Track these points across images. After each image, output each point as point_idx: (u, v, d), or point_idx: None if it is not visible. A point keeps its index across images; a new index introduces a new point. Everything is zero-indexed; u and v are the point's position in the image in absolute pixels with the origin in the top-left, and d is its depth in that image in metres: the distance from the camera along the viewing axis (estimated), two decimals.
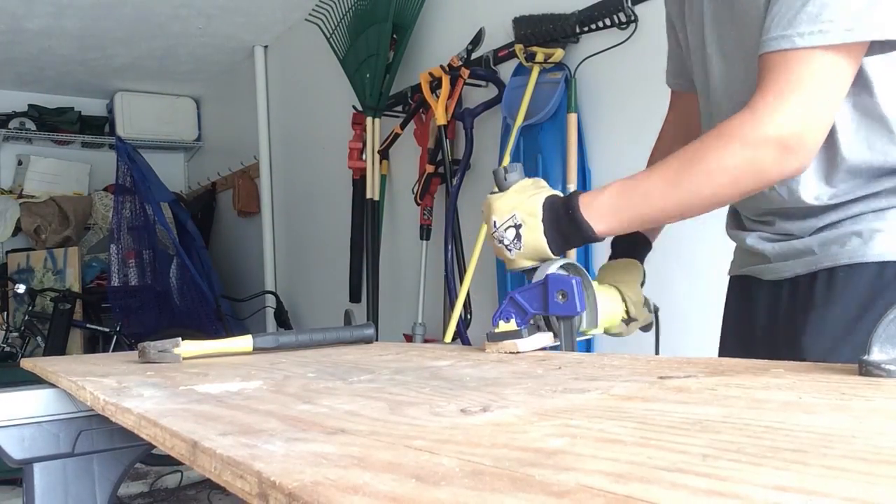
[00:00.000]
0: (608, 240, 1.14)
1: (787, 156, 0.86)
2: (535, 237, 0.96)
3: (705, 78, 1.07)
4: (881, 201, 0.94)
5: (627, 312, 1.10)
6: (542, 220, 0.96)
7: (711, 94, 1.06)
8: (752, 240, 1.07)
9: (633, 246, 1.20)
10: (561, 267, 0.99)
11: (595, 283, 1.05)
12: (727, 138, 0.87)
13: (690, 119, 1.23)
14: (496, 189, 1.02)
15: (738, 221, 1.13)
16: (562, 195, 0.99)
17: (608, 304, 1.07)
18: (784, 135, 0.85)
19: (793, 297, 1.02)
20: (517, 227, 0.97)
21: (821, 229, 0.98)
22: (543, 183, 1.02)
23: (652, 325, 1.18)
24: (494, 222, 0.99)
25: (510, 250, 0.98)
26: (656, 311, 1.18)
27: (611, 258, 1.21)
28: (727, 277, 1.21)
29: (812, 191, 0.96)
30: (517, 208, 0.98)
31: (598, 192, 0.96)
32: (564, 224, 0.96)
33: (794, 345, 0.98)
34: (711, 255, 1.27)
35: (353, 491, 0.34)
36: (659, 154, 1.26)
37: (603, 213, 0.94)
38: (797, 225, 1.00)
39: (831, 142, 0.93)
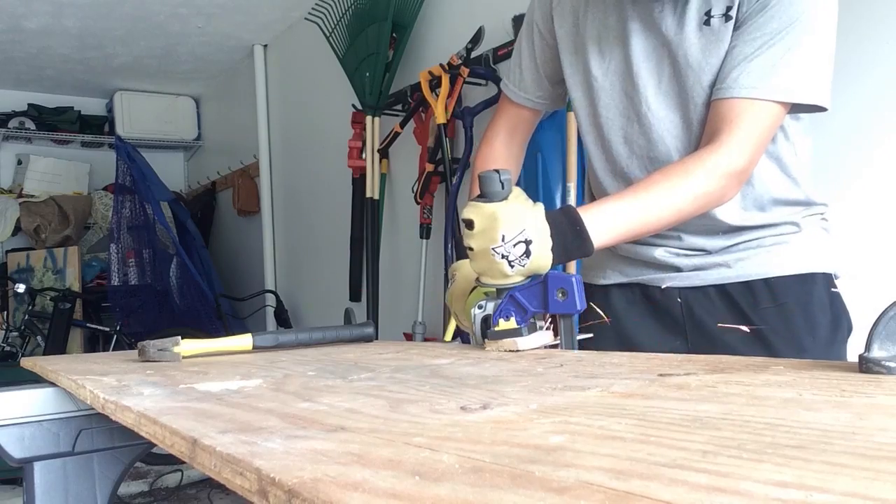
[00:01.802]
0: None
1: (737, 185, 1.06)
2: (544, 254, 0.95)
3: (625, 99, 1.17)
4: (780, 228, 1.16)
5: None
6: (550, 236, 0.95)
7: (648, 113, 1.16)
8: (661, 253, 1.20)
9: None
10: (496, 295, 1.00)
11: None
12: (708, 169, 1.03)
13: (518, 132, 1.37)
14: (485, 196, 0.96)
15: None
16: (546, 210, 0.98)
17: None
18: (741, 170, 1.04)
19: (728, 302, 1.17)
20: (527, 242, 0.93)
21: (730, 248, 1.17)
22: (523, 191, 1.00)
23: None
24: (503, 236, 0.94)
25: (512, 266, 0.95)
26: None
27: None
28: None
29: (729, 213, 1.14)
30: (527, 223, 0.94)
31: (597, 211, 1.00)
32: (570, 240, 0.96)
33: (756, 340, 1.14)
34: None
35: (353, 488, 0.34)
36: (493, 157, 1.34)
37: (604, 230, 0.99)
38: (707, 241, 1.17)
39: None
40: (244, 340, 1.18)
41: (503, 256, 0.94)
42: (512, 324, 0.97)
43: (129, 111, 5.71)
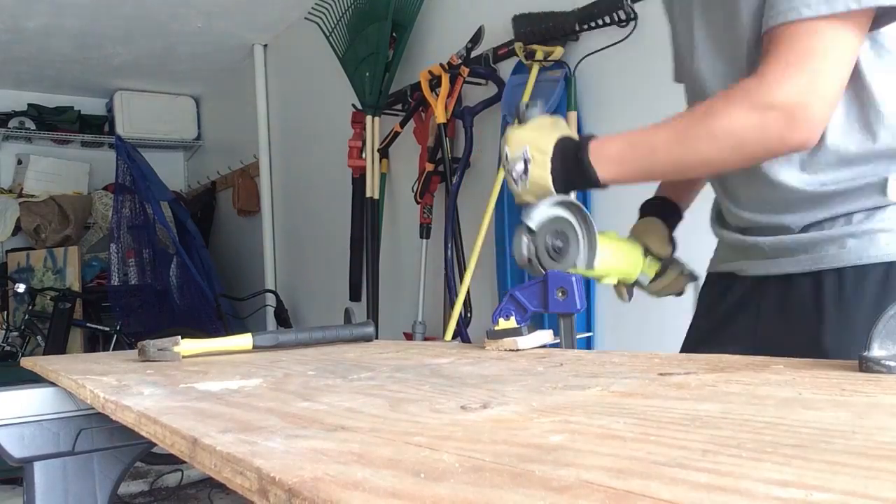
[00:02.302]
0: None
1: (793, 125, 0.85)
2: (542, 174, 0.97)
3: (692, 66, 1.06)
4: (867, 200, 0.92)
5: (656, 266, 1.13)
6: (551, 159, 0.97)
7: (699, 82, 1.04)
8: (738, 236, 1.05)
9: (657, 209, 1.23)
10: (559, 203, 0.99)
11: (605, 236, 1.06)
12: (735, 102, 0.87)
13: None
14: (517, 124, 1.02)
15: (722, 220, 1.13)
16: (576, 138, 0.99)
17: (617, 254, 1.08)
18: (791, 103, 0.84)
19: (793, 295, 0.99)
20: (526, 161, 0.98)
21: (810, 227, 0.96)
22: (564, 124, 1.03)
23: (683, 291, 1.20)
24: (506, 154, 1.00)
25: (517, 183, 0.99)
26: (696, 279, 1.20)
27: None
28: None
29: (795, 176, 0.95)
30: (529, 143, 0.98)
31: (608, 140, 0.97)
32: (571, 165, 0.97)
33: (812, 344, 0.94)
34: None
35: (353, 487, 0.34)
36: None
37: (609, 160, 0.95)
38: (786, 217, 0.98)
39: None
40: (244, 340, 1.18)
41: (510, 174, 1.00)
42: (512, 323, 0.97)
43: (129, 111, 5.71)
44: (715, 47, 1.01)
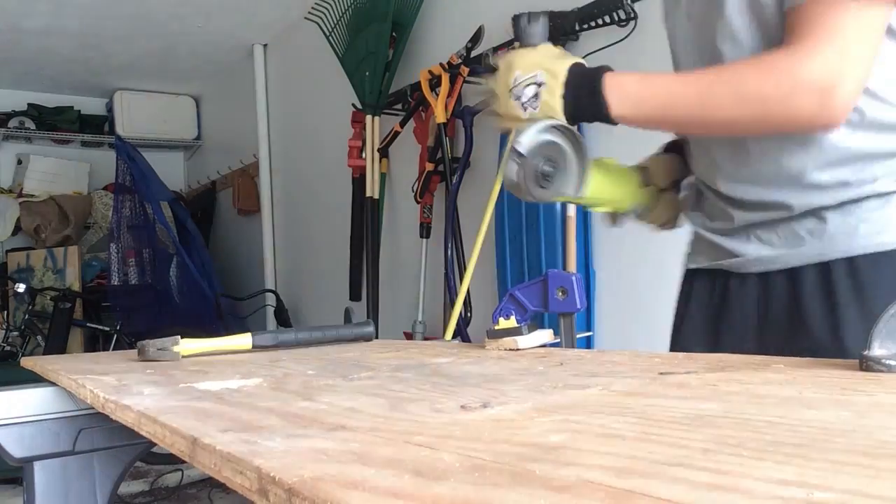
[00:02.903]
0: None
1: (823, 102, 0.82)
2: (553, 100, 0.94)
3: (678, 60, 1.06)
4: (878, 185, 0.90)
5: (653, 196, 1.10)
6: (563, 84, 0.93)
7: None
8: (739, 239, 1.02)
9: (681, 149, 1.17)
10: (556, 128, 0.95)
11: (600, 164, 1.04)
12: (766, 70, 0.84)
13: None
14: (517, 38, 0.98)
15: (706, 212, 1.08)
16: (585, 65, 0.96)
17: (610, 182, 1.05)
18: (823, 79, 0.81)
19: (802, 288, 0.94)
20: (539, 85, 0.94)
21: (808, 215, 0.93)
22: (568, 54, 0.99)
23: (680, 224, 1.16)
24: (516, 77, 0.95)
25: (525, 108, 0.95)
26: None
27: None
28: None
29: (800, 160, 0.92)
30: (542, 67, 0.94)
31: (627, 76, 0.93)
32: (584, 95, 0.93)
33: (829, 340, 0.91)
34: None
35: (353, 486, 0.34)
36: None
37: (624, 97, 0.92)
38: (786, 194, 0.94)
39: None
40: (244, 340, 1.18)
41: (517, 98, 0.95)
42: (512, 322, 0.97)
43: (129, 111, 5.70)
44: (695, 42, 1.01)
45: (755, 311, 1.01)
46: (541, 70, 0.94)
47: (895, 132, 0.89)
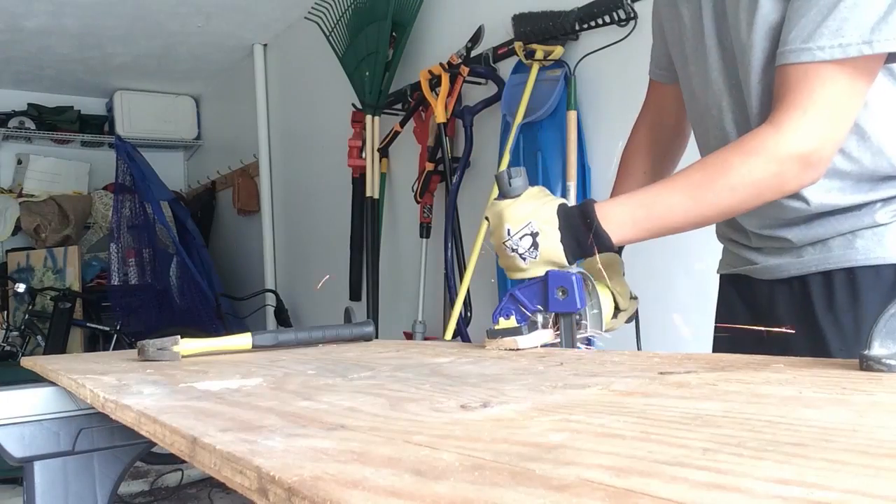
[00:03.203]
0: None
1: (807, 170, 0.89)
2: (553, 246, 0.95)
3: (704, 72, 1.06)
4: (876, 205, 0.97)
5: (617, 305, 1.09)
6: (559, 229, 0.95)
7: (710, 87, 1.05)
8: (736, 247, 1.11)
9: None
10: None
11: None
12: (752, 154, 0.89)
13: (664, 112, 1.26)
14: (501, 194, 0.99)
15: (732, 226, 1.13)
16: (568, 203, 0.99)
17: (605, 303, 1.06)
18: (806, 151, 0.87)
19: (802, 297, 1.02)
20: (534, 235, 0.95)
21: (812, 228, 1.00)
22: (547, 190, 1.01)
23: (635, 315, 1.17)
24: (508, 230, 0.96)
25: (524, 259, 0.96)
26: (636, 299, 1.17)
27: None
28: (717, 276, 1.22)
29: (802, 198, 0.98)
30: (532, 216, 0.96)
31: (615, 204, 0.96)
32: (582, 233, 0.95)
33: (820, 346, 0.98)
34: (711, 253, 1.26)
35: (353, 485, 0.34)
36: (636, 146, 1.27)
37: (622, 223, 0.95)
38: (791, 231, 1.02)
39: None
40: (243, 340, 1.18)
41: (513, 250, 0.97)
42: (512, 322, 0.97)
43: (129, 111, 5.71)
44: (727, 69, 1.02)
45: (767, 313, 1.07)
46: (532, 219, 0.95)
47: (890, 180, 0.96)
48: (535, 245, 0.95)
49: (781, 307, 1.06)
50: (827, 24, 0.85)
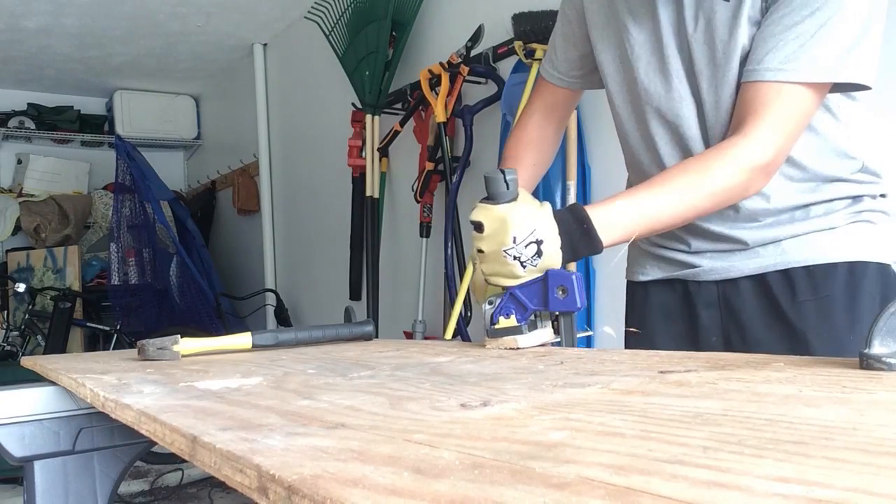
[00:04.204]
0: None
1: (765, 178, 1.00)
2: (554, 252, 0.95)
3: (662, 81, 1.11)
4: (826, 210, 1.08)
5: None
6: (559, 234, 0.95)
7: (671, 95, 1.11)
8: (689, 247, 1.18)
9: None
10: None
11: None
12: (730, 163, 0.97)
13: (553, 113, 1.33)
14: (494, 196, 0.96)
15: (661, 236, 1.19)
16: (553, 210, 0.99)
17: None
18: (768, 161, 0.98)
19: (763, 293, 1.11)
20: (538, 242, 0.94)
21: (770, 234, 1.10)
22: (525, 190, 1.01)
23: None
24: (514, 238, 0.94)
25: (524, 266, 0.95)
26: None
27: None
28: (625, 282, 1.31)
29: (766, 195, 1.08)
30: (537, 223, 0.94)
31: (605, 208, 0.97)
32: (577, 238, 0.96)
33: (794, 339, 1.07)
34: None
35: (353, 484, 0.34)
36: (526, 139, 1.30)
37: (613, 228, 0.97)
38: (743, 231, 1.11)
39: None
40: (243, 339, 1.18)
41: (515, 258, 0.94)
42: (512, 321, 0.97)
43: (129, 110, 5.70)
44: (694, 88, 1.09)
45: (717, 313, 1.17)
46: (536, 227, 0.95)
47: (843, 176, 1.09)
48: (538, 253, 0.94)
49: (739, 303, 1.13)
50: (805, 50, 0.95)
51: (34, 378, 1.17)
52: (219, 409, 0.60)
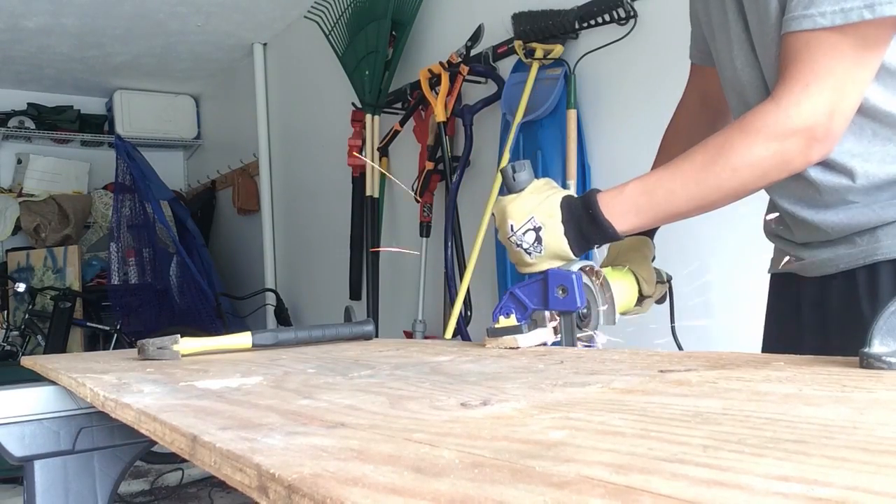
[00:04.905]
0: None
1: (813, 145, 0.85)
2: (557, 239, 0.94)
3: (728, 47, 1.02)
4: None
5: (641, 292, 1.09)
6: (562, 222, 0.94)
7: (737, 71, 1.01)
8: (782, 236, 1.06)
9: None
10: (581, 269, 0.97)
11: (608, 270, 1.05)
12: (752, 133, 0.86)
13: (708, 94, 1.21)
14: (506, 190, 0.99)
15: (778, 221, 1.09)
16: (575, 195, 0.98)
17: (623, 291, 1.06)
18: (810, 125, 0.84)
19: (849, 293, 0.97)
20: (537, 229, 0.95)
21: (852, 212, 0.94)
22: (555, 183, 1.00)
23: (666, 297, 1.17)
24: (511, 226, 0.96)
25: (530, 254, 0.96)
26: (669, 280, 1.17)
27: None
28: (767, 276, 1.18)
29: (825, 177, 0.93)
30: (535, 211, 0.95)
31: (617, 191, 0.94)
32: (585, 224, 0.94)
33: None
34: (751, 252, 1.24)
35: (353, 483, 0.34)
36: (675, 130, 1.24)
37: (625, 212, 0.93)
38: (827, 214, 0.96)
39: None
40: (243, 338, 1.18)
41: (519, 245, 0.96)
42: (512, 321, 0.97)
43: (129, 110, 5.71)
44: (750, 42, 0.98)
45: (813, 314, 1.04)
46: (534, 214, 0.95)
47: None
48: (538, 240, 0.95)
49: (832, 304, 1.00)
50: None
51: (34, 378, 1.17)
52: (219, 409, 0.60)
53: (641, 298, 1.10)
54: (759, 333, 1.19)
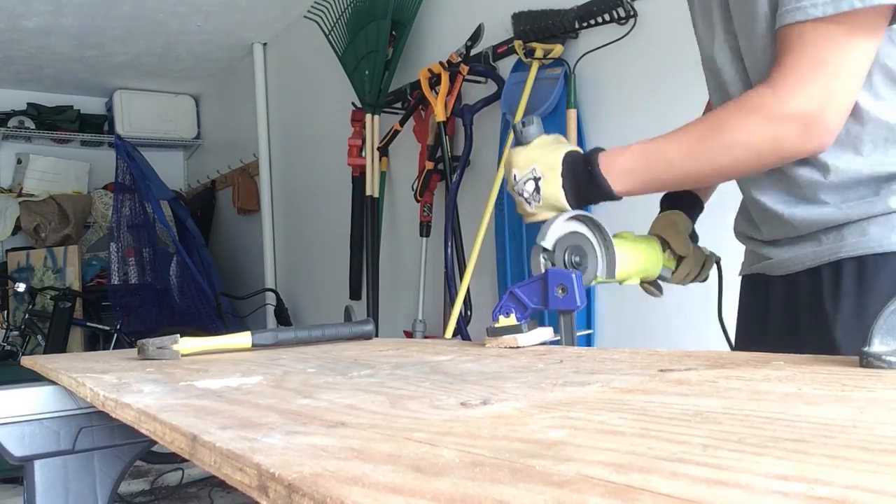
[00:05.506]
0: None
1: (807, 135, 0.86)
2: (554, 191, 0.97)
3: (711, 36, 1.03)
4: (888, 189, 0.91)
5: (674, 252, 1.12)
6: (562, 175, 0.97)
7: (718, 74, 1.02)
8: (753, 233, 1.07)
9: (678, 201, 1.20)
10: (573, 218, 1.00)
11: (630, 235, 1.09)
12: (750, 112, 0.87)
13: None
14: (516, 143, 1.03)
15: (747, 220, 1.10)
16: (581, 151, 1.00)
17: (642, 254, 1.08)
18: (804, 112, 0.85)
19: (814, 290, 0.97)
20: (536, 180, 0.98)
21: (823, 209, 0.94)
22: (564, 139, 1.03)
23: (707, 277, 1.19)
24: (514, 175, 1.00)
25: (530, 203, 1.00)
26: (718, 261, 1.19)
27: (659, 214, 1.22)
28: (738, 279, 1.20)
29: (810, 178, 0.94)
30: (537, 162, 0.98)
31: (619, 152, 0.96)
32: (583, 180, 0.97)
33: (825, 338, 0.95)
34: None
35: (353, 482, 0.34)
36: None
37: (622, 173, 0.95)
38: (798, 208, 0.97)
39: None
40: (243, 338, 1.18)
41: (520, 194, 1.00)
42: (512, 320, 0.97)
43: (129, 110, 5.71)
44: (733, 40, 0.99)
45: (783, 312, 1.05)
46: (535, 165, 0.98)
47: None
48: (537, 189, 0.98)
49: (799, 302, 1.01)
50: None
51: (34, 378, 1.17)
52: (219, 408, 0.60)
53: (676, 265, 1.14)
54: None
